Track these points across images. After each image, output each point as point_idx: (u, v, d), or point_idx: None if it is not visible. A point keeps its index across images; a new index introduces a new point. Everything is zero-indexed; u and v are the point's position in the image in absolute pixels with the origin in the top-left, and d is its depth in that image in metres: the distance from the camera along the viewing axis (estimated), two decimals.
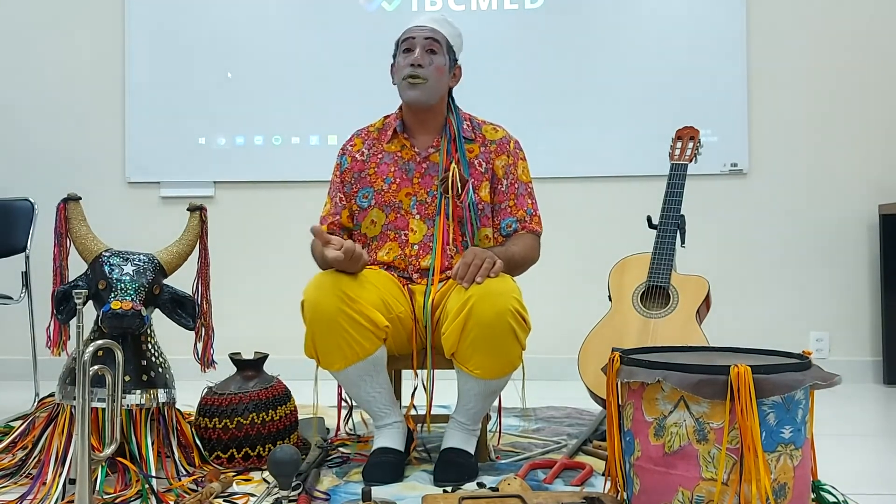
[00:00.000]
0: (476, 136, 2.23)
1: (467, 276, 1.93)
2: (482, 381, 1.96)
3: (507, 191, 2.21)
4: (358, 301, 1.93)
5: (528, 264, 2.20)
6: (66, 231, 2.10)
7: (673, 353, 1.71)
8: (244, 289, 3.93)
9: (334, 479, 1.98)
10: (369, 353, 1.96)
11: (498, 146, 2.23)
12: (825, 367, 1.70)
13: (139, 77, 4.04)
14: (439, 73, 2.16)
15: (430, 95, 2.16)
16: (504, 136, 2.26)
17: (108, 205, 3.93)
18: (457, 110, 2.25)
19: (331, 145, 3.98)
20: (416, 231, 2.17)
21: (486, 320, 1.87)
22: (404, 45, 2.19)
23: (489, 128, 2.27)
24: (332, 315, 1.91)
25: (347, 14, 3.99)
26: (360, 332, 1.93)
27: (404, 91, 2.16)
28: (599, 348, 2.33)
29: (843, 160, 3.86)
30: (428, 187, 2.18)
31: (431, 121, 2.22)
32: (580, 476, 1.98)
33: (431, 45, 2.16)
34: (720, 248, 3.83)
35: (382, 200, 2.19)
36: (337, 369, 1.98)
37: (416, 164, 2.20)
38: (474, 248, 2.01)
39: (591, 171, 3.90)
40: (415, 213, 2.17)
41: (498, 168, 2.21)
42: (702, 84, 3.86)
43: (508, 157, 2.23)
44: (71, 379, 1.96)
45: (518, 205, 2.21)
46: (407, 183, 2.19)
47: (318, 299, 1.92)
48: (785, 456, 1.47)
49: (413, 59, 2.14)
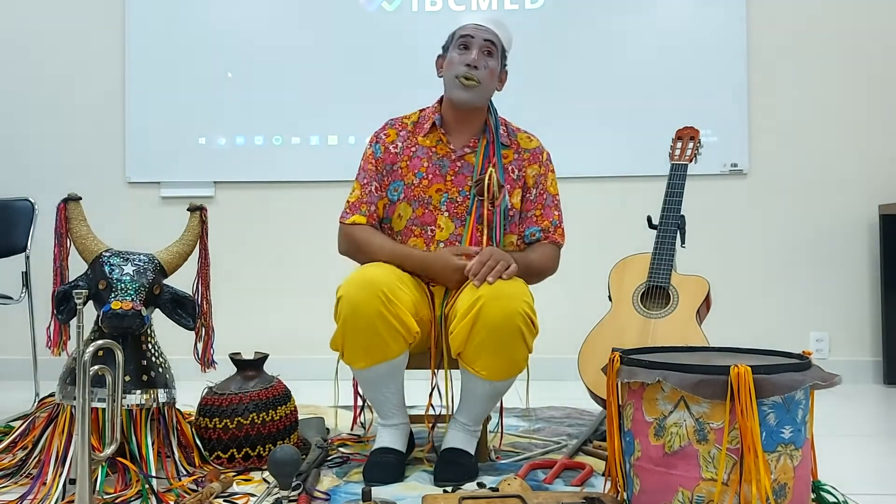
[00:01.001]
0: (511, 142, 2.22)
1: (480, 275, 1.92)
2: (487, 383, 1.96)
3: (535, 200, 2.20)
4: (397, 304, 1.91)
5: (546, 274, 2.19)
6: (66, 231, 2.10)
7: (673, 354, 1.71)
8: (244, 289, 3.92)
9: (334, 479, 1.98)
10: (396, 356, 1.96)
11: (531, 155, 2.22)
12: (825, 367, 1.70)
13: (139, 77, 4.04)
14: (491, 76, 2.15)
15: (480, 98, 2.15)
16: (538, 146, 2.25)
17: (108, 205, 3.93)
18: (496, 114, 2.24)
19: (331, 145, 3.98)
20: (444, 228, 2.15)
21: (495, 322, 1.87)
22: (461, 41, 2.14)
23: (524, 136, 2.26)
24: (371, 316, 1.89)
25: (347, 14, 3.99)
26: (392, 336, 1.92)
27: (455, 90, 2.13)
28: (599, 348, 2.33)
29: (843, 160, 3.86)
30: (460, 186, 2.16)
31: (472, 121, 2.20)
32: (580, 476, 1.98)
33: (489, 46, 2.13)
34: (720, 248, 3.83)
35: (412, 195, 2.16)
36: (361, 367, 1.97)
37: (451, 162, 2.18)
38: (492, 248, 2.00)
39: (592, 171, 3.90)
40: (444, 210, 2.15)
41: (529, 177, 2.20)
42: (702, 84, 3.87)
43: (540, 167, 2.22)
44: (71, 379, 1.95)
45: (544, 215, 2.20)
46: (439, 179, 2.17)
47: (358, 298, 1.90)
48: (785, 456, 1.47)
49: (470, 59, 2.11)
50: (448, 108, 2.20)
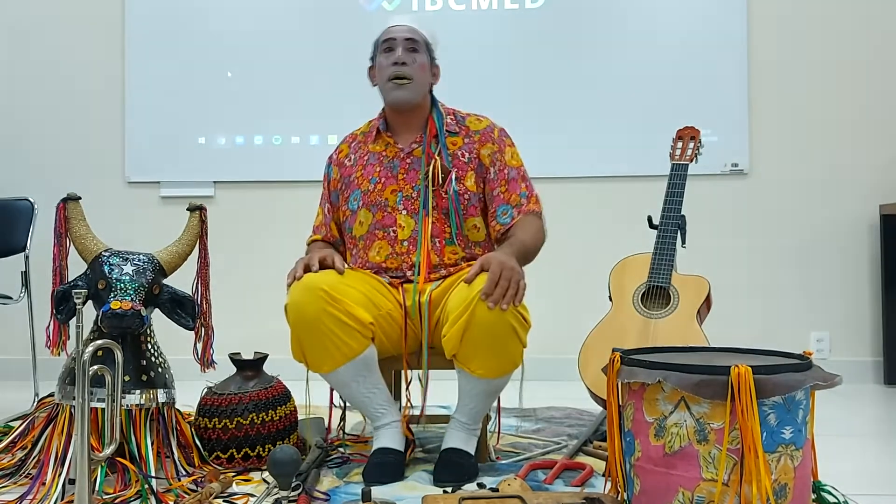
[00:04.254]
0: (460, 128, 2.24)
1: (494, 297, 1.83)
2: (484, 381, 1.96)
3: (496, 178, 2.20)
4: (341, 300, 1.92)
5: (539, 246, 2.17)
6: (65, 231, 2.09)
7: (673, 354, 1.71)
8: (244, 289, 3.92)
9: (334, 480, 1.98)
10: (357, 353, 1.96)
11: (482, 135, 2.23)
12: (826, 367, 1.70)
13: (139, 77, 4.04)
14: (423, 70, 2.19)
15: (415, 93, 2.18)
16: (488, 125, 2.26)
17: (108, 205, 3.93)
18: (438, 106, 2.27)
19: (331, 145, 3.96)
20: (405, 227, 2.16)
21: (488, 322, 1.86)
22: (384, 45, 2.20)
23: (473, 118, 2.27)
24: (316, 316, 1.90)
25: (348, 14, 3.99)
26: (346, 332, 1.93)
27: (390, 92, 2.18)
28: (600, 348, 2.33)
29: (843, 160, 3.86)
30: (413, 182, 2.18)
31: (414, 119, 2.23)
32: (580, 476, 1.98)
33: (412, 44, 2.18)
34: (721, 248, 3.83)
35: (369, 200, 2.19)
36: (326, 371, 1.97)
37: (400, 161, 2.21)
38: (498, 258, 1.88)
39: (592, 171, 3.90)
40: (401, 208, 2.17)
41: (484, 157, 2.21)
42: (702, 84, 3.86)
43: (494, 144, 2.23)
44: (70, 379, 1.95)
45: (510, 189, 2.20)
46: (392, 180, 2.19)
47: (300, 301, 1.92)
48: (785, 456, 1.47)
49: (396, 57, 2.15)
50: (390, 112, 2.25)
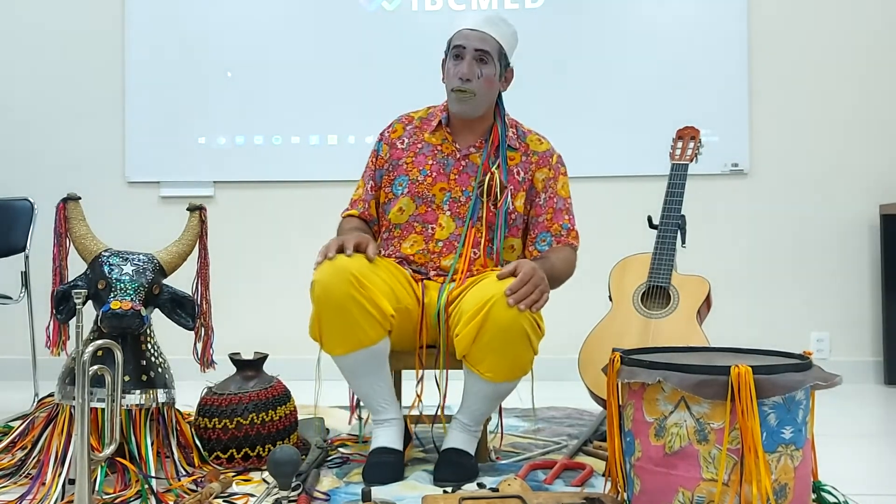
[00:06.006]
0: (520, 145, 2.21)
1: (517, 296, 1.85)
2: (491, 384, 1.95)
3: (544, 205, 2.19)
4: (369, 288, 1.91)
5: (564, 278, 2.16)
6: (65, 231, 2.09)
7: (673, 354, 1.71)
8: (244, 289, 3.92)
9: (334, 480, 1.98)
10: (374, 342, 1.95)
11: (540, 158, 2.21)
12: (826, 367, 1.70)
13: (139, 77, 4.04)
14: (488, 85, 2.13)
15: (477, 108, 2.14)
16: (548, 149, 2.24)
17: (108, 205, 3.92)
18: (504, 116, 2.22)
19: (331, 145, 3.98)
20: (444, 227, 2.15)
21: (503, 324, 1.86)
22: (454, 50, 2.13)
23: (534, 138, 2.24)
24: (342, 298, 1.89)
25: (347, 14, 3.98)
26: (367, 320, 1.92)
27: (452, 102, 2.15)
28: (600, 348, 2.33)
29: (843, 160, 3.86)
30: (464, 186, 2.16)
31: (477, 124, 2.20)
32: (580, 476, 1.98)
33: (481, 54, 2.10)
34: (721, 248, 3.83)
35: (415, 191, 2.17)
36: (339, 354, 1.96)
37: (455, 161, 2.18)
38: (532, 264, 1.92)
39: (592, 170, 3.89)
40: (446, 209, 2.15)
41: (538, 181, 2.19)
42: (702, 84, 3.86)
43: (550, 170, 2.21)
44: (70, 379, 1.95)
45: (554, 219, 2.19)
46: (443, 178, 2.17)
47: (328, 282, 1.90)
48: (785, 456, 1.47)
49: (462, 72, 2.09)
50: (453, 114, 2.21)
